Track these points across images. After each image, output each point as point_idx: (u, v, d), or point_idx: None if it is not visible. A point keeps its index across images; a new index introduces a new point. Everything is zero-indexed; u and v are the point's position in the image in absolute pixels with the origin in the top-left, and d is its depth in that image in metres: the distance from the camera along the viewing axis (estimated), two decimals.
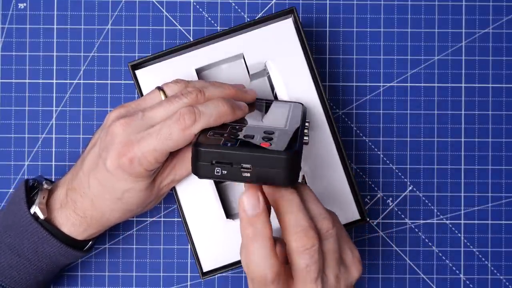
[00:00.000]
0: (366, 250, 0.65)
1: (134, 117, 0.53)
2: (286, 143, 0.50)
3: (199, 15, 0.66)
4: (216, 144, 0.49)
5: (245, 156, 0.49)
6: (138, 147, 0.52)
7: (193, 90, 0.54)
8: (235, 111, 0.53)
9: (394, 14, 0.66)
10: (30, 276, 0.56)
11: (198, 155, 0.49)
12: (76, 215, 0.55)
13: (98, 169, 0.54)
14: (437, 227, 0.65)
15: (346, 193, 0.60)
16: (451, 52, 0.66)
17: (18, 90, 0.65)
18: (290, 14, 0.60)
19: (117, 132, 0.52)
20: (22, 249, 0.55)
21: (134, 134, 0.52)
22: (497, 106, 0.66)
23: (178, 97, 0.53)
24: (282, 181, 0.49)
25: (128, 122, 0.53)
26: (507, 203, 0.66)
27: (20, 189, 0.56)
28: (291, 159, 0.49)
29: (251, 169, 0.49)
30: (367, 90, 0.66)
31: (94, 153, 0.55)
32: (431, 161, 0.66)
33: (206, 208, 0.60)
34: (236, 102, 0.54)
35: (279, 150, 0.49)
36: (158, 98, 0.55)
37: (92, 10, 0.65)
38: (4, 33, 0.65)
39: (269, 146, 0.49)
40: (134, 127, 0.52)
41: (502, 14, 0.66)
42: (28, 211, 0.54)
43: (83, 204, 0.55)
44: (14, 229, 0.55)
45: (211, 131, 0.52)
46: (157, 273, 0.65)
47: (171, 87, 0.55)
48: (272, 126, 0.53)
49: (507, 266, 0.65)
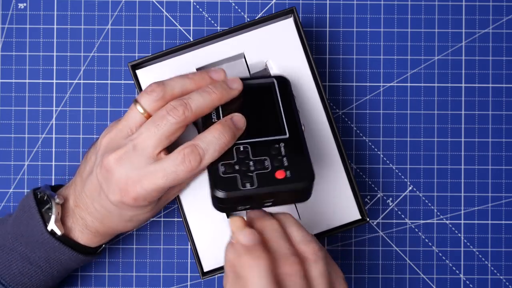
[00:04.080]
0: (366, 250, 0.65)
1: (125, 150, 0.52)
2: (301, 165, 0.51)
3: (199, 15, 0.66)
4: (236, 188, 0.50)
5: (267, 194, 0.51)
6: (141, 186, 0.51)
7: (177, 105, 0.52)
8: (236, 135, 0.53)
9: (394, 14, 0.66)
10: (41, 282, 0.56)
11: (220, 201, 0.51)
12: (88, 231, 0.56)
13: (102, 199, 0.54)
14: (437, 227, 0.65)
15: (346, 193, 0.60)
16: (451, 52, 0.66)
17: (18, 90, 0.65)
18: (290, 14, 0.60)
19: (112, 168, 0.52)
20: (34, 257, 0.55)
21: (132, 170, 0.52)
22: (497, 106, 0.66)
23: (163, 118, 0.52)
24: (304, 200, 0.52)
25: (121, 156, 0.52)
26: (507, 203, 0.66)
27: (29, 198, 0.56)
28: (311, 182, 0.50)
29: (273, 200, 0.52)
30: (367, 90, 0.66)
31: (93, 181, 0.54)
32: (431, 161, 0.66)
33: (206, 207, 0.60)
34: (236, 123, 0.53)
35: (298, 180, 0.50)
36: (139, 116, 0.53)
37: (92, 10, 0.65)
38: (4, 33, 0.65)
39: (286, 176, 0.50)
40: (129, 163, 0.52)
41: (502, 14, 0.66)
42: (45, 228, 0.54)
43: (94, 223, 0.56)
44: (26, 238, 0.55)
45: (221, 163, 0.52)
46: (157, 273, 0.65)
47: (147, 99, 0.53)
48: (272, 135, 0.53)
49: (507, 266, 0.65)
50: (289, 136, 0.53)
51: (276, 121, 0.55)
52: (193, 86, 0.54)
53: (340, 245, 0.65)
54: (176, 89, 0.53)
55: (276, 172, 0.51)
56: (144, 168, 0.52)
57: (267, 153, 0.52)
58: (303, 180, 0.50)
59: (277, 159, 0.52)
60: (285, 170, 0.51)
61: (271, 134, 0.54)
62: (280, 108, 0.55)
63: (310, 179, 0.50)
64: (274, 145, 0.53)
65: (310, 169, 0.51)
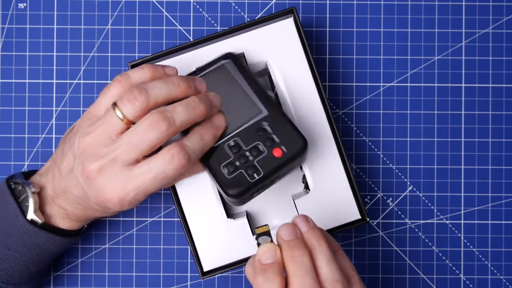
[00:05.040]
0: (366, 250, 0.65)
1: (105, 161, 0.51)
2: (290, 134, 0.54)
3: (199, 15, 0.66)
4: (246, 182, 0.53)
5: (275, 175, 0.54)
6: (126, 192, 0.52)
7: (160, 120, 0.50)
8: (219, 132, 0.54)
9: (394, 14, 0.66)
10: (22, 267, 0.56)
11: (239, 199, 0.53)
12: (69, 219, 0.56)
13: (85, 198, 0.54)
14: (437, 227, 0.65)
15: (346, 193, 0.60)
16: (451, 52, 0.66)
17: (18, 90, 0.65)
18: (290, 14, 0.60)
19: (94, 177, 0.52)
20: (10, 242, 0.55)
21: (115, 179, 0.51)
22: (497, 106, 0.66)
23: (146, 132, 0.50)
24: (304, 161, 0.57)
25: (102, 167, 0.51)
26: (507, 203, 0.66)
27: (3, 188, 0.55)
28: (306, 146, 0.54)
29: (279, 175, 0.54)
30: (367, 90, 0.66)
31: (74, 182, 0.54)
32: (431, 161, 0.66)
33: (206, 207, 0.60)
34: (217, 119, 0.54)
35: (295, 150, 0.53)
36: (118, 123, 0.51)
37: (92, 10, 0.65)
38: (4, 33, 0.65)
39: (284, 153, 0.53)
40: (111, 173, 0.51)
41: (502, 14, 0.66)
42: (24, 217, 0.54)
43: (75, 212, 0.56)
44: (1, 226, 0.55)
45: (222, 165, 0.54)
46: (157, 273, 0.65)
47: (128, 108, 0.51)
48: (253, 118, 0.55)
49: (507, 266, 0.65)
50: (268, 112, 0.55)
51: (250, 102, 0.56)
52: (178, 94, 0.52)
53: (340, 245, 0.65)
54: (160, 98, 0.51)
55: (273, 151, 0.53)
56: (126, 174, 0.51)
57: (256, 138, 0.54)
58: (298, 147, 0.53)
59: (268, 139, 0.54)
60: (279, 146, 0.53)
61: (251, 117, 0.55)
62: (246, 87, 0.56)
63: (303, 144, 0.53)
64: (259, 127, 0.55)
65: (299, 135, 0.54)
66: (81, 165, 0.53)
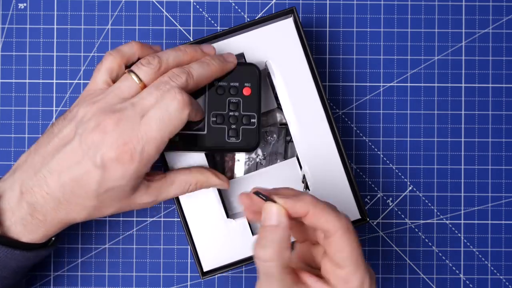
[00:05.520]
0: (366, 250, 0.65)
1: (124, 112, 0.51)
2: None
3: (199, 15, 0.66)
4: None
5: None
6: (140, 137, 0.50)
7: (180, 72, 0.53)
8: (228, 66, 0.56)
9: (394, 14, 0.66)
10: None
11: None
12: (33, 219, 0.52)
13: (81, 167, 0.50)
14: (437, 227, 0.65)
15: (346, 193, 0.60)
16: (451, 52, 0.66)
17: (18, 90, 0.65)
18: (290, 14, 0.60)
19: (110, 130, 0.50)
20: None
21: (132, 131, 0.50)
22: (497, 106, 0.66)
23: (167, 83, 0.52)
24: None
25: (120, 118, 0.50)
26: (507, 203, 0.66)
27: None
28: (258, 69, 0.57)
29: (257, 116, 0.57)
30: (367, 90, 0.66)
31: (74, 148, 0.51)
32: (431, 161, 0.66)
33: (206, 208, 0.60)
34: (229, 55, 0.57)
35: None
36: (134, 85, 0.52)
37: (92, 10, 0.65)
38: (4, 33, 0.65)
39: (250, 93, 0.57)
40: (129, 123, 0.50)
41: (502, 14, 0.66)
42: None
43: (45, 207, 0.51)
44: None
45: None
46: (157, 273, 0.65)
47: (143, 70, 0.53)
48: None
49: (507, 266, 0.65)
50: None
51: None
52: (187, 58, 0.55)
53: None
54: (171, 61, 0.54)
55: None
56: (138, 123, 0.51)
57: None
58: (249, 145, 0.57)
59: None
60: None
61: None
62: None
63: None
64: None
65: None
66: (93, 122, 0.50)
